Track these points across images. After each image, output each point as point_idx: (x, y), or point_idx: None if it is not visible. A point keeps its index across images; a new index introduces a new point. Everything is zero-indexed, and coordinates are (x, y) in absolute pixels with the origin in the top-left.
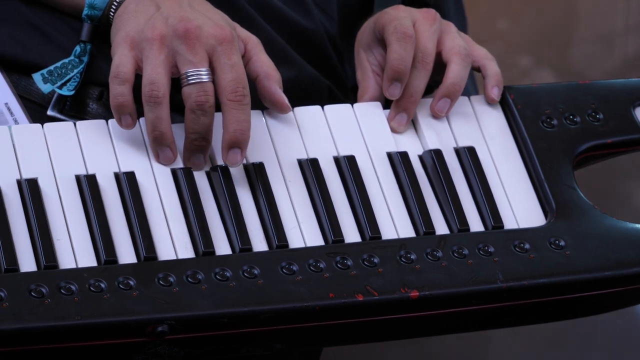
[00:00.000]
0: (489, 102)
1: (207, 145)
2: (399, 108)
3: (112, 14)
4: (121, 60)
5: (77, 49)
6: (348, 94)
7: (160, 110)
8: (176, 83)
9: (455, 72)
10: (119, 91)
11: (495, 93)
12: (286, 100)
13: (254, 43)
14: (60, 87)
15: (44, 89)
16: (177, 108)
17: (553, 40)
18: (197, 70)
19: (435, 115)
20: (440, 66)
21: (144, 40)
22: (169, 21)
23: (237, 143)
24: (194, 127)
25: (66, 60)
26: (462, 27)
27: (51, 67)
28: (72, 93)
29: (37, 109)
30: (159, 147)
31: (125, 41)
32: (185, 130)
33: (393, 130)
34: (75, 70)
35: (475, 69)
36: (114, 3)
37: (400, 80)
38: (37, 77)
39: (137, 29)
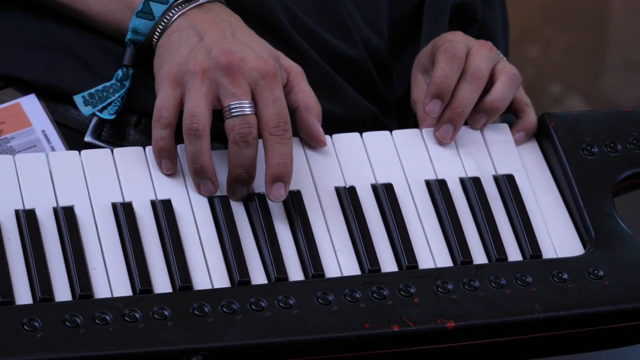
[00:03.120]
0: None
1: (250, 179)
2: (445, 119)
3: (155, 39)
4: (163, 103)
5: (119, 73)
6: (392, 116)
7: (201, 144)
8: (218, 113)
9: (499, 90)
10: (161, 135)
11: (519, 137)
12: (323, 136)
13: (297, 73)
14: (100, 111)
15: (84, 112)
16: (219, 137)
17: (584, 67)
18: (240, 103)
19: (471, 126)
20: (489, 87)
21: (187, 73)
22: (212, 53)
23: (281, 177)
24: (237, 160)
25: (107, 84)
26: (506, 47)
27: (92, 90)
28: (113, 117)
29: (74, 136)
30: (200, 179)
31: (169, 77)
32: (228, 163)
33: (438, 142)
34: (117, 95)
35: (514, 112)
36: (158, 29)
37: (441, 97)
38: (78, 99)
39: (179, 62)
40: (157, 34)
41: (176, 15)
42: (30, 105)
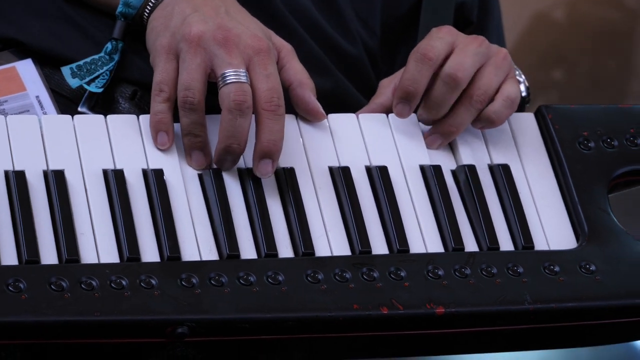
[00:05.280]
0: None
1: (241, 151)
2: (438, 130)
3: (146, 14)
4: (163, 77)
5: (109, 46)
6: None
7: (196, 116)
8: (212, 87)
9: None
10: (159, 109)
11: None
12: (320, 108)
13: (288, 50)
14: (88, 83)
15: (71, 84)
16: (212, 111)
17: (607, 92)
18: (236, 71)
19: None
20: None
21: (181, 40)
22: (208, 23)
23: (270, 154)
24: (230, 130)
25: (96, 57)
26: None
27: (80, 62)
28: (100, 90)
29: (68, 104)
30: (192, 151)
31: (164, 49)
32: (220, 133)
33: (427, 147)
34: (105, 68)
35: None
36: (150, 3)
37: (409, 101)
38: (65, 70)
39: (173, 32)
40: (149, 8)
41: None
42: (26, 70)
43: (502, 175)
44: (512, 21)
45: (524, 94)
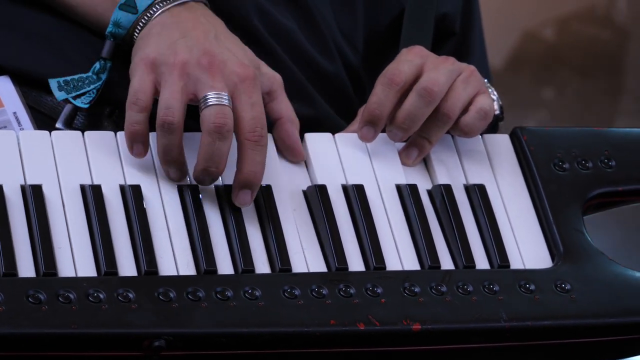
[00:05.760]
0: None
1: (218, 173)
2: (413, 143)
3: (136, 34)
4: (140, 86)
5: (97, 65)
6: None
7: (173, 137)
8: (191, 110)
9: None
10: (136, 119)
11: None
12: (302, 148)
13: (280, 83)
14: (74, 98)
15: (58, 96)
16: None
17: (598, 110)
18: (218, 94)
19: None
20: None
21: (164, 64)
22: (193, 51)
23: (249, 185)
24: (208, 153)
25: (84, 75)
26: (484, 63)
27: (68, 78)
28: (86, 106)
29: (46, 121)
30: (169, 167)
31: (145, 62)
32: (198, 155)
33: (403, 163)
34: (92, 86)
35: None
36: (140, 23)
37: (374, 125)
38: (53, 83)
39: (158, 52)
40: (139, 29)
41: (160, 11)
42: (4, 86)
43: (478, 194)
44: (503, 39)
45: (497, 112)
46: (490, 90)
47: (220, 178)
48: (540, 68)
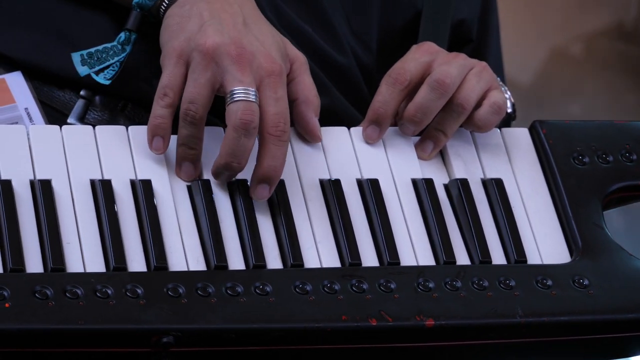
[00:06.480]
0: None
1: (240, 169)
2: (428, 136)
3: (163, 7)
4: (170, 81)
5: (122, 36)
6: None
7: (195, 130)
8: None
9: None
10: (161, 113)
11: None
12: (319, 130)
13: (301, 62)
14: (97, 73)
15: (80, 71)
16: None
17: None
18: (246, 89)
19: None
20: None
21: (195, 49)
22: (224, 36)
23: (268, 179)
24: (232, 148)
25: (108, 45)
26: (500, 70)
27: (92, 50)
28: (108, 82)
29: (57, 116)
30: (184, 162)
31: (176, 53)
32: (221, 148)
33: (419, 157)
34: (116, 58)
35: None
36: None
37: (379, 124)
38: (76, 56)
39: (188, 37)
40: (166, 2)
41: None
42: (16, 82)
43: (495, 189)
44: (531, 56)
45: (509, 110)
46: (503, 88)
47: None
48: (568, 84)
